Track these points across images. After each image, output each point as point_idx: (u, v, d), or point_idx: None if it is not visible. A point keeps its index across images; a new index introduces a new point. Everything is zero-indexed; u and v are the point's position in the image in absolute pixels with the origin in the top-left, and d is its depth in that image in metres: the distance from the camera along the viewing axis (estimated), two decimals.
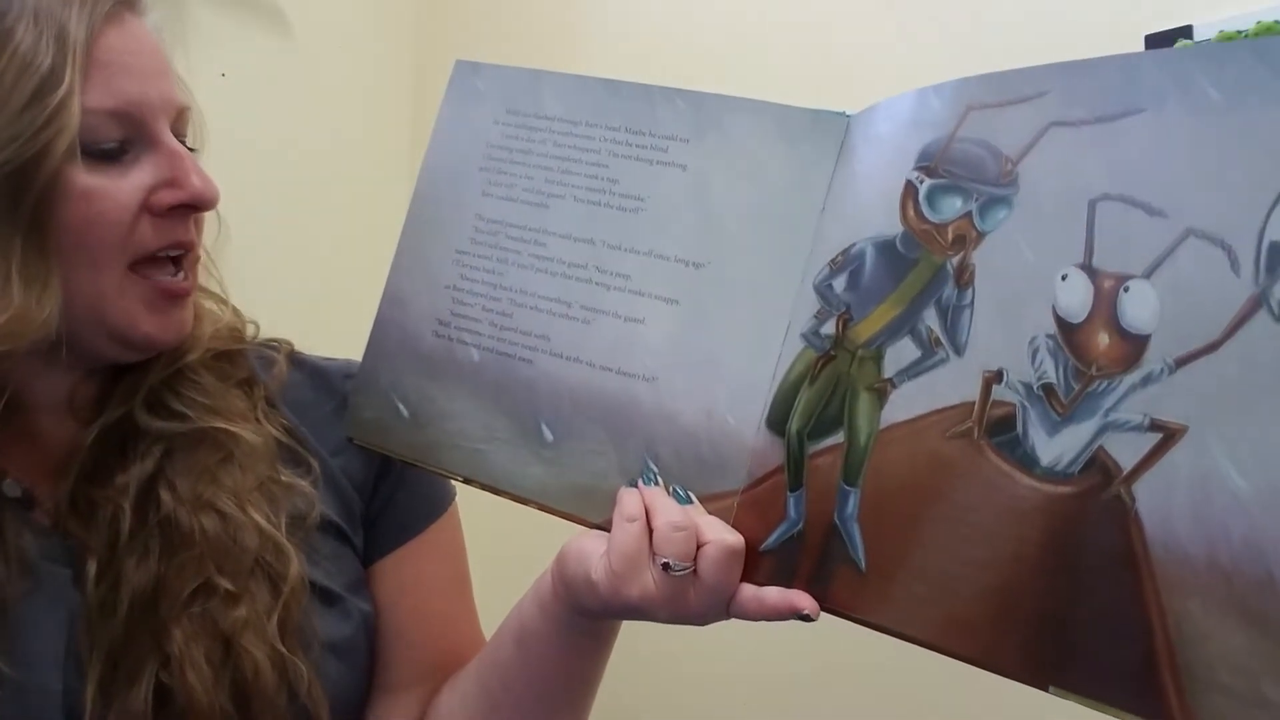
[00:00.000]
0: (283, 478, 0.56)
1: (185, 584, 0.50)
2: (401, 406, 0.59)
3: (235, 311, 0.61)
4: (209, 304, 0.60)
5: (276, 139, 1.20)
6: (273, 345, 0.63)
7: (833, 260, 0.49)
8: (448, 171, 0.61)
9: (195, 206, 0.53)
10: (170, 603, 0.50)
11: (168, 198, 0.51)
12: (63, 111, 0.47)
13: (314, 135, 1.28)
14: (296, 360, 0.63)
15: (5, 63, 0.46)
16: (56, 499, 0.52)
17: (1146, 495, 0.37)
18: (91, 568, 0.50)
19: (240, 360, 0.60)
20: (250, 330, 0.62)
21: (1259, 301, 0.36)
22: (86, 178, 0.48)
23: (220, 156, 0.58)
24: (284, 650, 0.51)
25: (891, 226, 0.47)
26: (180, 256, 0.53)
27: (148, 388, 0.55)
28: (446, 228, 0.60)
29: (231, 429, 0.55)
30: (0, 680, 0.47)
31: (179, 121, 0.54)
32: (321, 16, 1.31)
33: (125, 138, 0.50)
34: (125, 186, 0.50)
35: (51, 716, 0.48)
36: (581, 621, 0.53)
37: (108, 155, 0.50)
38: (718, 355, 0.52)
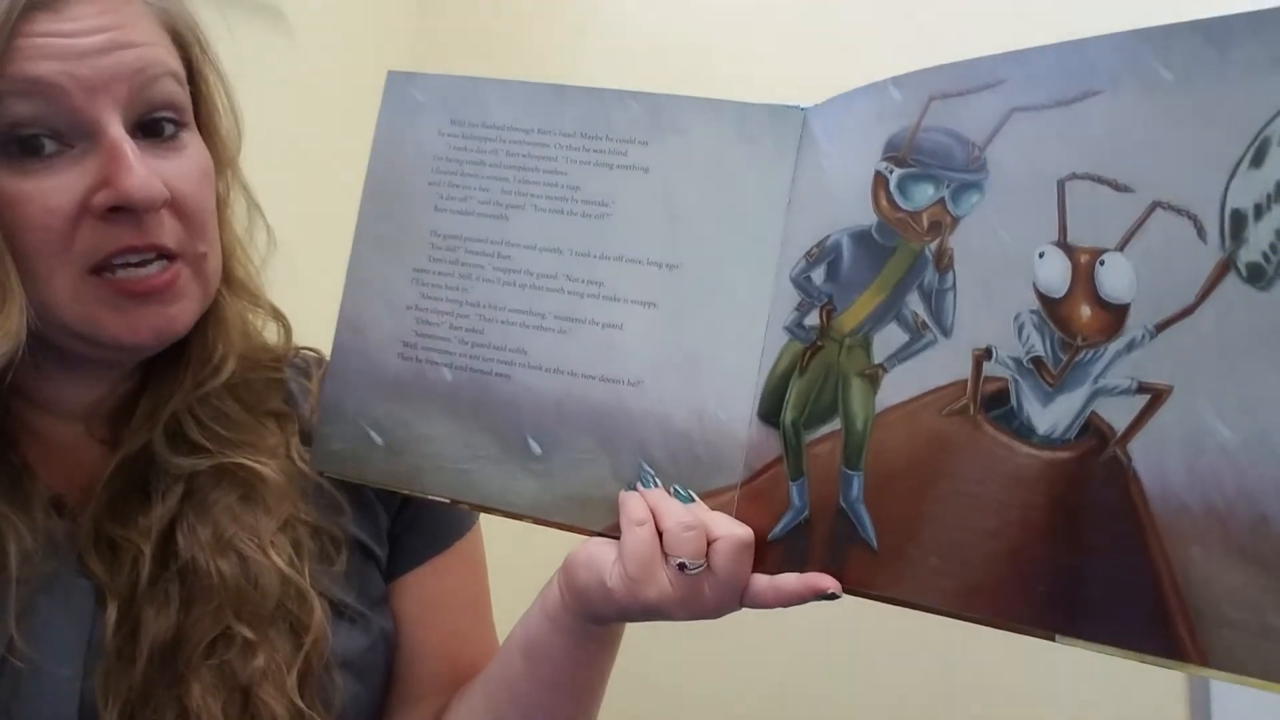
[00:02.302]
0: (309, 517, 0.54)
1: (204, 634, 0.49)
2: (374, 434, 0.58)
3: (285, 328, 0.59)
4: (251, 317, 0.57)
5: (276, 139, 1.17)
6: (305, 360, 0.61)
7: (808, 253, 0.50)
8: (393, 188, 0.59)
9: (128, 209, 0.47)
10: (189, 654, 0.49)
11: (100, 199, 0.46)
12: None
13: (314, 135, 1.25)
14: None
15: None
16: (79, 521, 0.50)
17: (1141, 453, 0.40)
18: (112, 613, 0.48)
19: (274, 387, 0.57)
20: (290, 349, 0.59)
21: (1227, 266, 0.39)
22: (9, 180, 0.45)
23: None
24: (303, 705, 0.49)
25: (865, 216, 0.49)
26: (156, 259, 0.48)
27: (169, 414, 0.52)
28: (400, 246, 0.58)
29: (254, 465, 0.53)
30: (17, 656, 0.46)
31: (151, 91, 0.48)
32: (321, 16, 1.29)
33: (52, 129, 0.45)
34: (50, 187, 0.46)
35: (67, 707, 0.47)
36: (592, 629, 0.53)
37: (32, 150, 0.45)
38: (701, 354, 0.53)
